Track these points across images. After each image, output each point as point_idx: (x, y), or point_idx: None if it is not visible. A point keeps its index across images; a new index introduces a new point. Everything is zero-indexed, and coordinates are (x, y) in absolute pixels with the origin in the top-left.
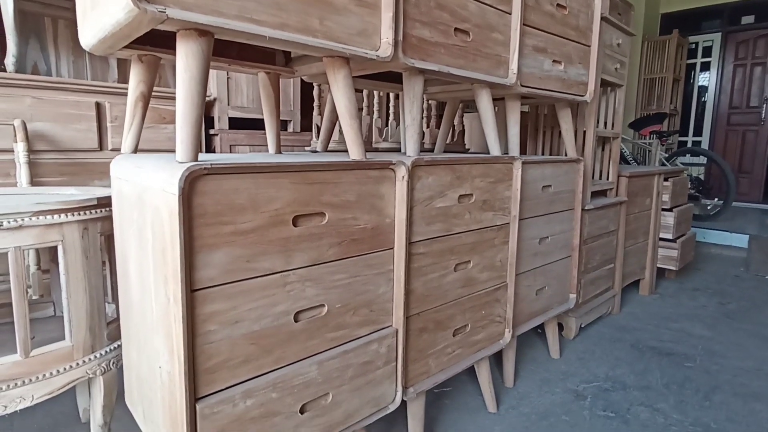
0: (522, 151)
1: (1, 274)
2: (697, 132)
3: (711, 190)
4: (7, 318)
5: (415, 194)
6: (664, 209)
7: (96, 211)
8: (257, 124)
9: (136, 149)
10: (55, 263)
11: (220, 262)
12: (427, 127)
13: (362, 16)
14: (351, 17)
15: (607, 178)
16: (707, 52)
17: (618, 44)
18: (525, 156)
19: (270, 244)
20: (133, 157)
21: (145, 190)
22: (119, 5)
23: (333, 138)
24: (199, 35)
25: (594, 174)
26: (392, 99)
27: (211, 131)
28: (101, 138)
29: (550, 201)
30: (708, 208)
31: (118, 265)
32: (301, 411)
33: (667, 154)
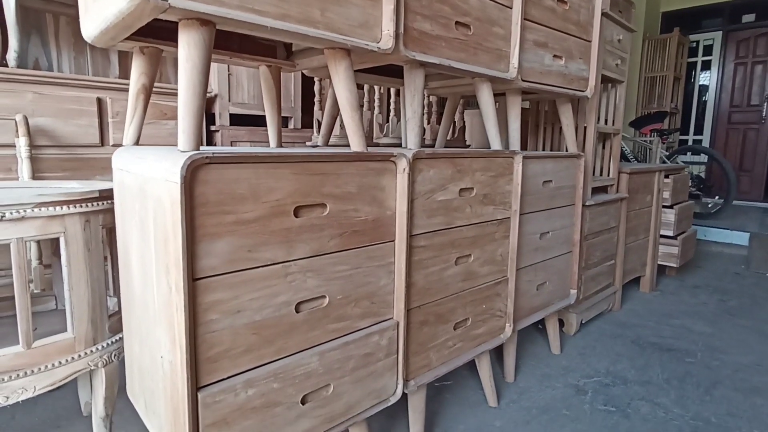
0: (522, 147)
1: (3, 268)
2: (698, 131)
3: (712, 188)
4: (9, 311)
5: (416, 187)
6: (664, 206)
7: (98, 204)
8: (258, 121)
9: (137, 141)
10: (56, 257)
11: (222, 252)
12: (428, 123)
13: (363, 7)
14: (352, 9)
15: (608, 175)
16: (708, 51)
17: (618, 40)
18: (526, 151)
19: (272, 235)
20: (135, 149)
21: (147, 181)
22: None
23: (334, 133)
24: (200, 25)
25: (594, 170)
26: (393, 95)
27: (212, 127)
28: (102, 133)
29: (551, 196)
30: (709, 206)
31: (119, 258)
32: (303, 402)
33: (667, 153)
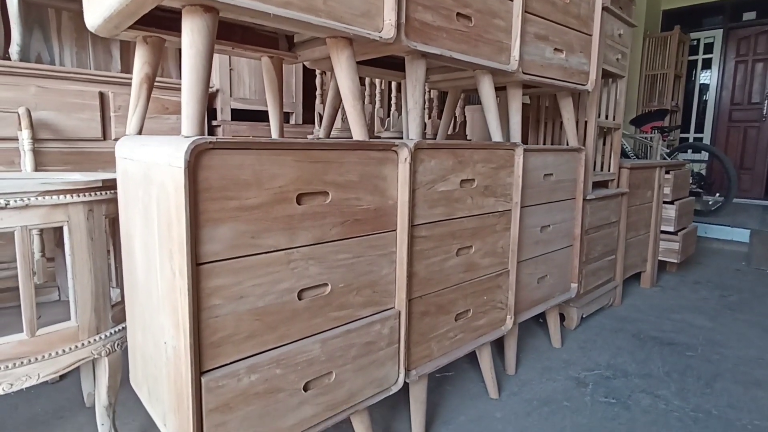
0: (523, 142)
1: (4, 261)
2: (699, 129)
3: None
4: (12, 302)
5: (417, 177)
6: (665, 202)
7: (101, 193)
8: (259, 116)
9: (140, 131)
10: (60, 248)
11: (225, 237)
12: (429, 118)
13: None
14: None
15: (609, 170)
16: (709, 49)
17: (619, 35)
18: (527, 144)
19: (274, 221)
20: (138, 138)
21: (151, 167)
22: None
23: (335, 126)
24: (204, 11)
25: (595, 165)
26: (394, 90)
27: (214, 122)
28: (105, 127)
29: (552, 189)
30: (709, 203)
31: (122, 246)
32: (305, 388)
33: (668, 150)
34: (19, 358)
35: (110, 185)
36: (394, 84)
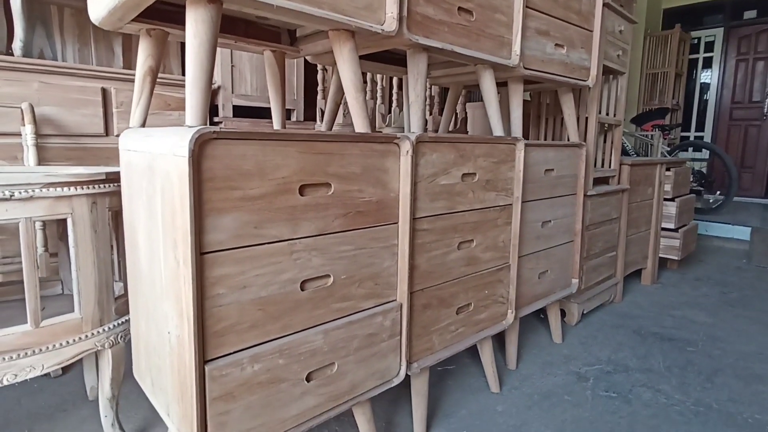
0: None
1: (8, 256)
2: (700, 127)
3: (713, 184)
4: (16, 295)
5: (419, 170)
6: (666, 199)
7: (104, 186)
8: (261, 113)
9: (144, 123)
10: (63, 242)
11: (229, 227)
12: (430, 114)
13: None
14: None
15: (609, 166)
16: (709, 47)
17: (620, 31)
18: (528, 139)
19: (277, 212)
20: (142, 130)
21: (155, 158)
22: None
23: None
24: (208, 2)
25: (596, 162)
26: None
27: (216, 119)
28: (107, 123)
29: (553, 185)
30: (710, 201)
31: (126, 238)
32: (308, 379)
33: (669, 148)
34: (23, 348)
35: (113, 178)
36: (395, 80)
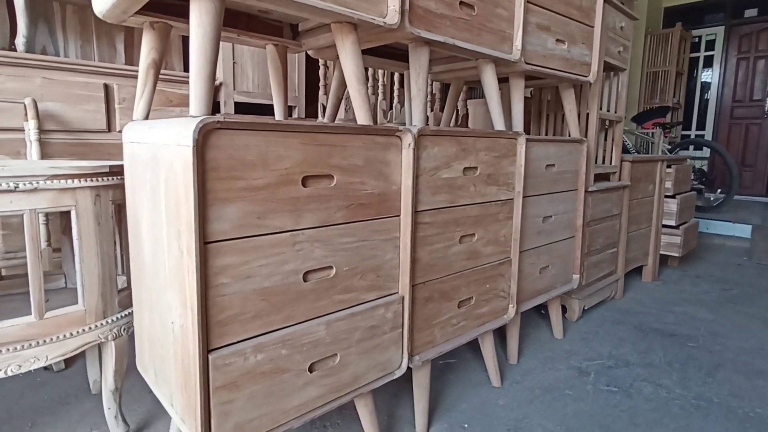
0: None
1: (11, 251)
2: (701, 126)
3: (714, 182)
4: (20, 288)
5: (420, 163)
6: (667, 196)
7: (108, 179)
8: (263, 110)
9: (147, 116)
10: (66, 235)
11: (233, 217)
12: (431, 110)
13: None
14: None
15: (610, 163)
16: (710, 46)
17: (621, 27)
18: (529, 135)
19: (280, 203)
20: (145, 122)
21: (159, 148)
22: None
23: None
24: None
25: (597, 158)
26: (396, 83)
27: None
28: (109, 119)
29: (554, 180)
30: (711, 200)
31: (129, 230)
32: (310, 370)
33: (669, 146)
34: (27, 340)
35: (117, 172)
36: (396, 77)
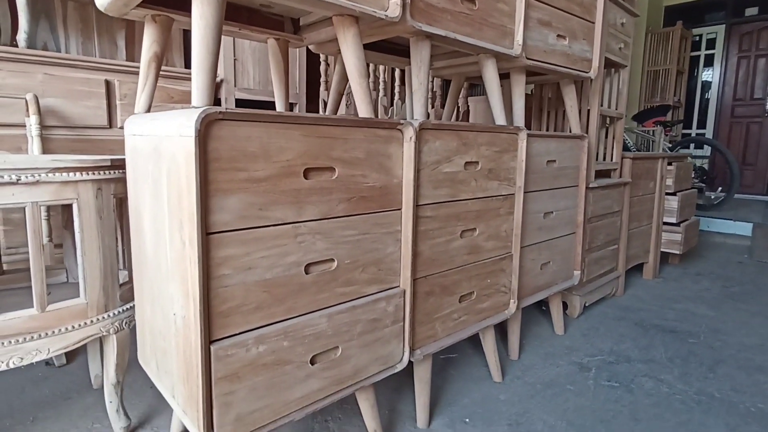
0: None
1: (12, 247)
2: (701, 124)
3: (715, 180)
4: (22, 283)
5: (422, 157)
6: (667, 193)
7: (109, 172)
8: (264, 106)
9: (149, 109)
10: (68, 230)
11: (234, 208)
12: (432, 107)
13: None
14: None
15: (611, 159)
16: (711, 45)
17: (622, 24)
18: (530, 130)
19: (282, 194)
20: (147, 114)
21: (162, 140)
22: None
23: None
24: None
25: (598, 155)
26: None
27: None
28: (111, 115)
29: (555, 176)
30: (711, 198)
31: (131, 222)
32: (312, 362)
33: (670, 144)
34: (29, 332)
35: (118, 165)
36: (397, 73)
